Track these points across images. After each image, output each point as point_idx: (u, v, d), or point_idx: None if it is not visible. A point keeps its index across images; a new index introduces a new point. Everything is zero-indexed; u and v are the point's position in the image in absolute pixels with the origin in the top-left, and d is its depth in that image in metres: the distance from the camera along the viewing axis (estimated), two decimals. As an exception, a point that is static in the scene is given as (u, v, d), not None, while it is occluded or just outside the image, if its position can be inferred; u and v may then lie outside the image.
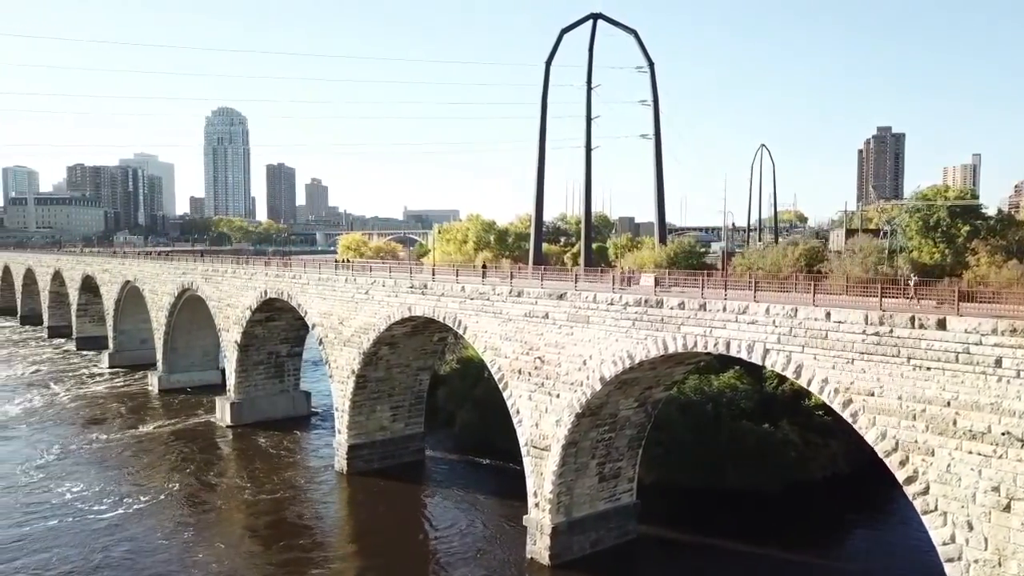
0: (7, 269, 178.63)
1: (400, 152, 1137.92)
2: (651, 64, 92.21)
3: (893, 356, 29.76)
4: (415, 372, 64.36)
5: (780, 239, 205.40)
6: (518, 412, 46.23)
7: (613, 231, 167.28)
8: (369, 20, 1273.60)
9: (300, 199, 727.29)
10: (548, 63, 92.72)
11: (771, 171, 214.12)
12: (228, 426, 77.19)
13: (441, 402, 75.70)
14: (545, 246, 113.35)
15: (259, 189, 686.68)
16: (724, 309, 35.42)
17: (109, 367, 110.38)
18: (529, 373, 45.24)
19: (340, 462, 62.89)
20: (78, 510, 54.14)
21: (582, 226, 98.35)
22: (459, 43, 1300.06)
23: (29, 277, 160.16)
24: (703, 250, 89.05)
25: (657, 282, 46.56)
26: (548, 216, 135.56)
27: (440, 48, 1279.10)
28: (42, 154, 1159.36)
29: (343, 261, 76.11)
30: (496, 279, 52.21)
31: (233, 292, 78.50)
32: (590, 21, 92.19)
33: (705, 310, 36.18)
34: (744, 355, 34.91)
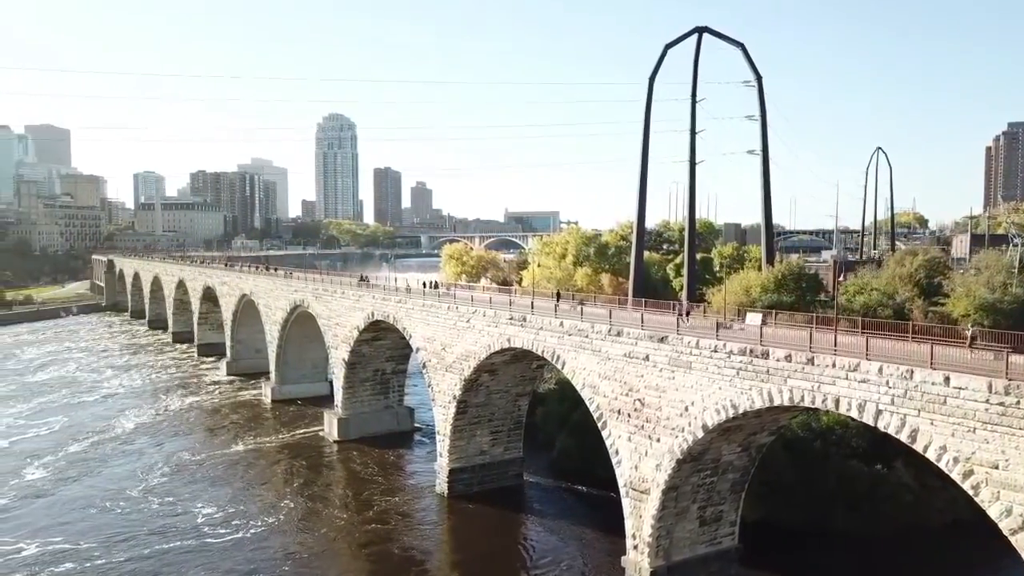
0: (137, 275, 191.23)
1: (502, 154, 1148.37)
2: (759, 77, 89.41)
3: (1020, 429, 27.86)
4: (514, 398, 64.95)
5: (897, 243, 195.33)
6: (617, 453, 45.90)
7: (718, 238, 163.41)
8: (477, 30, 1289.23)
9: (406, 202, 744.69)
10: (651, 79, 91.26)
11: (887, 174, 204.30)
12: (335, 441, 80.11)
13: (539, 423, 75.94)
14: (647, 254, 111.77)
15: (367, 192, 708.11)
16: (833, 365, 34.03)
17: (227, 375, 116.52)
18: (628, 415, 44.83)
19: (441, 485, 64.21)
20: (191, 533, 56.43)
21: (685, 234, 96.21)
22: (563, 54, 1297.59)
23: (156, 284, 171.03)
24: (812, 272, 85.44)
25: (764, 321, 45.40)
26: (650, 221, 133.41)
27: (545, 59, 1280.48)
28: (168, 160, 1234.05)
29: (432, 285, 76.50)
30: (596, 311, 51.98)
31: (342, 312, 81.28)
32: (695, 35, 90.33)
33: (813, 364, 34.87)
34: (855, 414, 33.45)
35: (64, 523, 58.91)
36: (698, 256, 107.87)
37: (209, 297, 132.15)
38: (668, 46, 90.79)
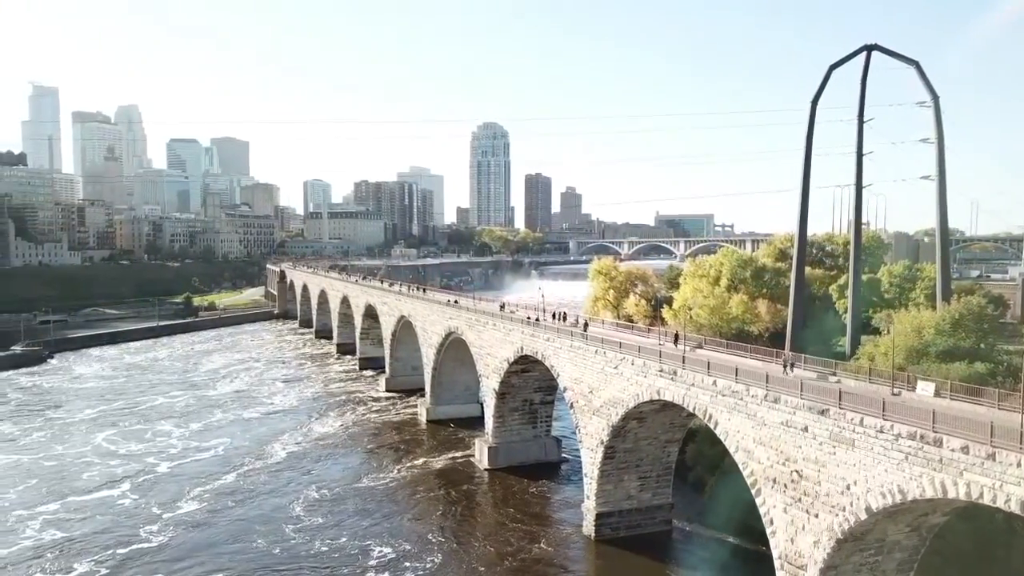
0: (305, 287, 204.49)
1: (653, 156, 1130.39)
2: (935, 97, 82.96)
3: None
4: (663, 444, 63.94)
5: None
6: (771, 523, 44.11)
7: (887, 253, 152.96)
8: (632, 42, 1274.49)
9: (555, 207, 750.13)
10: (814, 101, 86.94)
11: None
12: (485, 469, 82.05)
13: (689, 462, 74.12)
14: (808, 270, 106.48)
15: (518, 198, 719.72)
16: (1019, 465, 31.03)
17: (385, 391, 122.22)
18: (785, 485, 42.95)
19: (588, 528, 64.23)
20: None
21: (850, 269, 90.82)
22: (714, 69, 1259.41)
23: (323, 297, 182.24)
24: (995, 309, 77.95)
25: (937, 392, 42.23)
26: (811, 230, 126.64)
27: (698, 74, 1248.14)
28: (334, 167, 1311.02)
29: (562, 318, 75.88)
30: (751, 366, 50.23)
31: (493, 343, 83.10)
32: (863, 54, 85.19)
33: (994, 460, 31.96)
34: (1044, 521, 30.38)
35: (223, 559, 60.01)
36: (864, 277, 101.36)
37: (371, 314, 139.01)
38: (833, 67, 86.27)
